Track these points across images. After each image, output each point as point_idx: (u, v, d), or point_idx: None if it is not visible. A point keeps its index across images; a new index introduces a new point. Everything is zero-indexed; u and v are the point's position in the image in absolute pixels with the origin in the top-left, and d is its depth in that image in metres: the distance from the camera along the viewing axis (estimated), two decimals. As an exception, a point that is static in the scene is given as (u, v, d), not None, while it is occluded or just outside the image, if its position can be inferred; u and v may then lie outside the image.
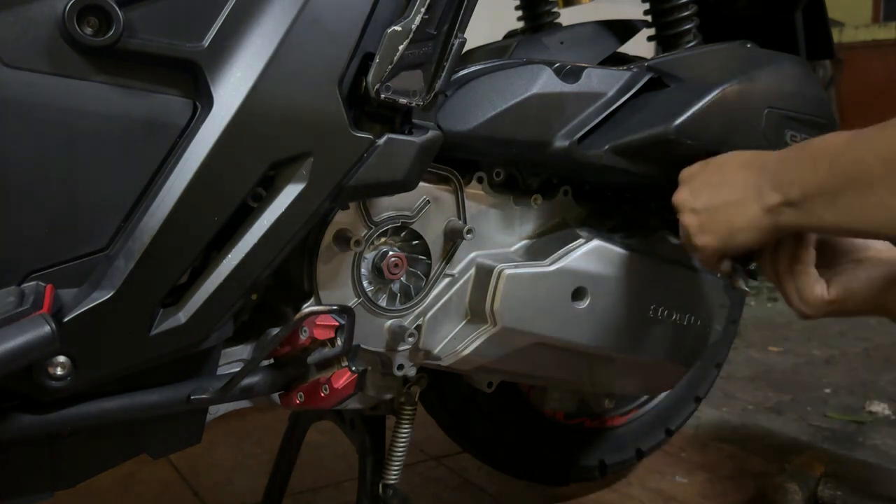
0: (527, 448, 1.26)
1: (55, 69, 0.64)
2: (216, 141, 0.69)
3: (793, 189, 0.72)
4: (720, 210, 0.79)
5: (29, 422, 0.68)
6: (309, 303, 0.83)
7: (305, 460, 1.23)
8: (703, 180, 0.83)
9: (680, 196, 0.84)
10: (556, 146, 0.90)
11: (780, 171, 0.74)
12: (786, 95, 0.97)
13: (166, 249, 0.69)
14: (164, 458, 1.03)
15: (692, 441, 1.59)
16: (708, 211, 0.80)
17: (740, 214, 0.77)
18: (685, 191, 0.84)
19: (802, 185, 0.71)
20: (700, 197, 0.82)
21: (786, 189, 0.73)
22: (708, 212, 0.80)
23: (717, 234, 0.80)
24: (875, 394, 1.86)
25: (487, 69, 0.88)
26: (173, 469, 1.46)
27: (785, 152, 0.76)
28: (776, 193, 0.74)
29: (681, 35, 1.07)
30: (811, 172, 0.71)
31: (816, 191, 0.70)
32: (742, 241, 0.79)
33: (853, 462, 1.49)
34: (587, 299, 0.94)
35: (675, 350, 1.04)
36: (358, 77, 0.76)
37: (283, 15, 0.71)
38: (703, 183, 0.82)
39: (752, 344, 2.26)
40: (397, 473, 1.00)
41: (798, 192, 0.71)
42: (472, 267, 0.92)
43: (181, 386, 0.76)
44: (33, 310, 0.61)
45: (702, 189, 0.82)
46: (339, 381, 0.80)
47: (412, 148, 0.78)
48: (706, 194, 0.81)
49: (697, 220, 0.81)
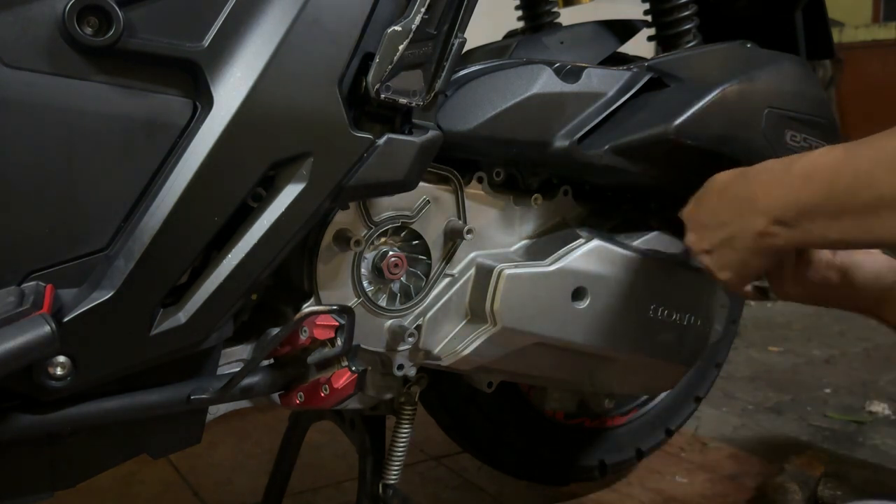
0: (527, 448, 1.26)
1: (55, 69, 0.64)
2: (216, 141, 0.69)
3: (787, 209, 0.72)
4: (723, 247, 0.81)
5: (29, 422, 0.68)
6: (309, 303, 0.83)
7: (305, 460, 1.23)
8: (699, 221, 0.85)
9: (688, 240, 0.87)
10: (556, 146, 0.90)
11: (767, 195, 0.75)
12: (786, 95, 0.97)
13: (166, 249, 0.69)
14: (164, 458, 1.03)
15: (692, 441, 1.59)
16: (715, 250, 0.82)
17: (740, 247, 0.79)
18: (690, 234, 0.86)
19: (798, 206, 0.71)
20: (703, 239, 0.84)
21: (776, 211, 0.73)
22: (716, 251, 0.82)
23: (733, 269, 0.82)
24: (875, 394, 1.86)
25: (487, 69, 0.88)
26: (173, 469, 1.46)
27: (768, 173, 0.76)
28: (763, 217, 0.74)
29: (681, 35, 1.08)
30: (805, 192, 0.71)
31: (815, 209, 0.70)
32: (756, 267, 0.81)
33: (853, 462, 1.49)
34: (587, 299, 0.94)
35: (676, 350, 1.04)
36: (358, 77, 0.76)
37: (283, 15, 0.71)
38: (701, 224, 0.84)
39: (752, 344, 2.26)
40: (397, 473, 1.00)
41: (793, 213, 0.72)
42: (472, 267, 0.92)
43: (181, 386, 0.76)
44: (33, 310, 0.61)
45: (701, 230, 0.84)
46: (339, 381, 0.80)
47: (412, 148, 0.78)
48: (707, 235, 0.83)
49: (711, 260, 0.83)
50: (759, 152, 0.94)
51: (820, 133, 0.99)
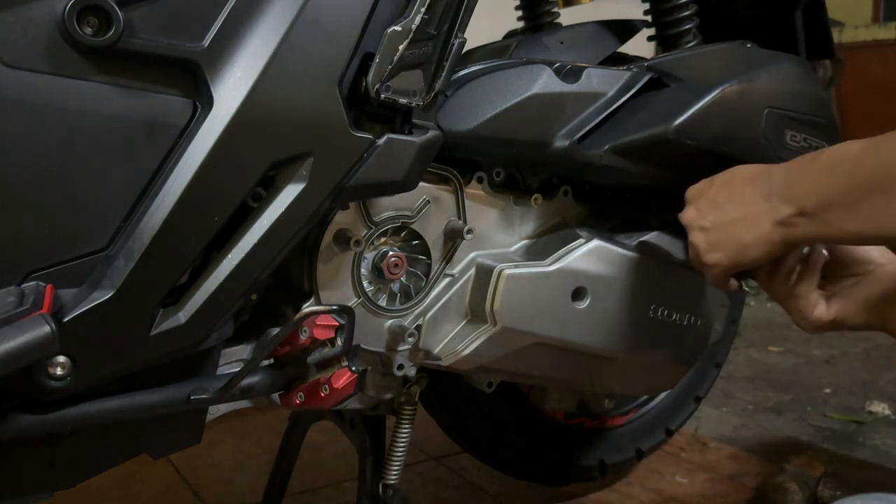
0: (527, 448, 1.26)
1: (55, 69, 0.64)
2: (216, 141, 0.69)
3: (808, 199, 0.71)
4: (729, 227, 0.79)
5: (29, 422, 0.68)
6: (309, 303, 0.83)
7: (305, 460, 1.23)
8: (709, 198, 0.82)
9: (687, 215, 0.84)
10: (556, 146, 0.90)
11: (791, 183, 0.73)
12: (786, 95, 0.97)
13: (166, 249, 0.69)
14: (164, 458, 1.03)
15: (692, 441, 1.59)
16: (717, 228, 0.80)
17: (750, 230, 0.77)
18: (692, 209, 0.83)
19: (819, 195, 0.70)
20: (708, 215, 0.81)
21: (799, 200, 0.72)
22: (717, 229, 0.80)
23: (727, 252, 0.79)
24: (875, 394, 1.86)
25: (487, 69, 0.88)
26: (173, 469, 1.46)
27: (793, 163, 0.75)
28: (788, 205, 0.73)
29: (681, 35, 1.08)
30: (827, 182, 0.70)
31: (835, 199, 0.69)
32: (752, 257, 0.78)
33: (853, 462, 1.49)
34: (587, 299, 0.94)
35: (676, 350, 1.04)
36: (358, 77, 0.76)
37: (283, 15, 0.71)
38: (710, 201, 0.82)
39: (752, 344, 2.26)
40: (397, 473, 1.00)
41: (814, 202, 0.71)
42: (472, 267, 0.92)
43: (181, 386, 0.76)
44: (33, 310, 0.61)
45: (709, 207, 0.81)
46: (339, 381, 0.80)
47: (412, 148, 0.78)
48: (714, 212, 0.80)
49: (706, 238, 0.81)
50: (759, 152, 0.94)
51: (820, 133, 0.99)
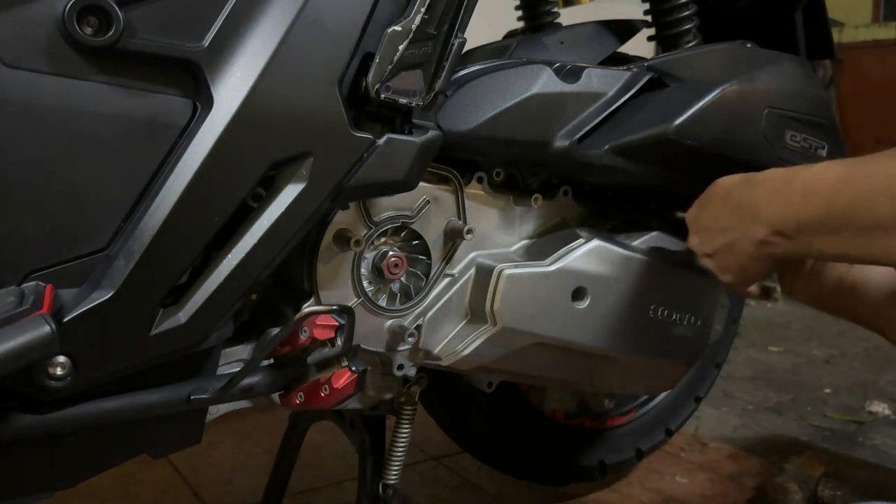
0: (527, 448, 1.26)
1: (55, 69, 0.64)
2: (216, 141, 0.69)
3: (786, 223, 0.74)
4: (725, 252, 0.83)
5: (29, 422, 0.68)
6: (309, 303, 0.83)
7: (305, 460, 1.23)
8: (701, 225, 0.86)
9: (692, 243, 0.88)
10: (556, 146, 0.90)
11: (768, 203, 0.76)
12: (786, 95, 0.97)
13: (166, 249, 0.69)
14: (164, 458, 1.03)
15: (692, 441, 1.59)
16: (718, 255, 0.84)
17: (740, 253, 0.81)
18: (694, 237, 0.88)
19: (798, 220, 0.73)
20: (706, 242, 0.85)
21: (776, 223, 0.75)
22: (718, 255, 0.84)
23: (734, 273, 0.84)
24: (875, 394, 1.86)
25: (487, 69, 0.88)
26: (173, 469, 1.46)
27: (770, 184, 0.78)
28: (763, 227, 0.76)
29: (681, 35, 1.08)
30: (803, 208, 0.72)
31: (814, 225, 0.71)
32: (755, 273, 0.82)
33: (853, 462, 1.49)
34: (587, 299, 0.94)
35: (676, 350, 1.04)
36: (358, 77, 0.76)
37: (283, 15, 0.71)
38: (703, 228, 0.86)
39: (752, 344, 2.26)
40: (397, 473, 1.00)
41: (793, 226, 0.73)
42: (472, 267, 0.92)
43: (181, 386, 0.76)
44: (33, 310, 0.61)
45: (704, 234, 0.85)
46: (339, 381, 0.80)
47: (412, 148, 0.78)
48: (709, 239, 0.85)
49: (714, 264, 0.85)
50: (759, 152, 0.94)
51: (820, 133, 0.99)
